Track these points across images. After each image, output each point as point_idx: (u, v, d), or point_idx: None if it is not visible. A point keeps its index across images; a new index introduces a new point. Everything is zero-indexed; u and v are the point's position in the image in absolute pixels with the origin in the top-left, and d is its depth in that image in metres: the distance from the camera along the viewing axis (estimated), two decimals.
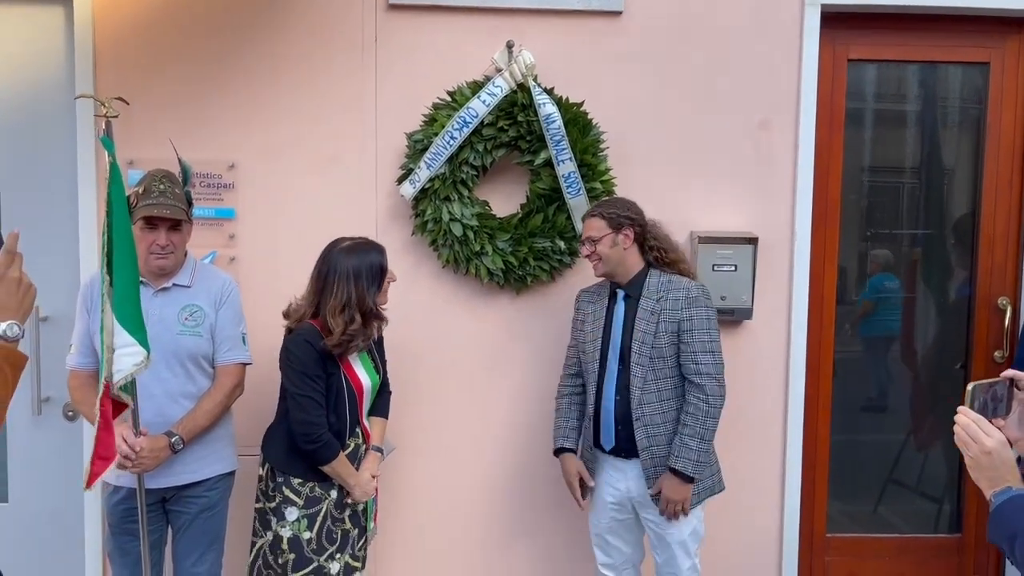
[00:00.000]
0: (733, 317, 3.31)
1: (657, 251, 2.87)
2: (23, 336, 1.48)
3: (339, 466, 2.72)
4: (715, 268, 3.26)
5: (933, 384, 3.76)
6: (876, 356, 3.77)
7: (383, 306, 2.78)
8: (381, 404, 2.96)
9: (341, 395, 2.73)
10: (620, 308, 2.87)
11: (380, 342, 2.96)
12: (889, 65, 3.60)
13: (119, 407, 2.55)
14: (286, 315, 2.79)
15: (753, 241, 3.27)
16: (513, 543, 3.43)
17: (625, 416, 2.83)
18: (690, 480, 2.76)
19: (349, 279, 2.67)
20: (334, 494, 2.76)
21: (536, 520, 3.42)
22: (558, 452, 3.01)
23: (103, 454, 2.46)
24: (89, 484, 2.48)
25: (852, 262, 3.67)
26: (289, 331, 2.76)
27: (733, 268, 3.27)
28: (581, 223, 3.18)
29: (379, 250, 2.76)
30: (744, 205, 3.35)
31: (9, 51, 3.24)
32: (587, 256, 2.89)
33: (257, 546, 2.80)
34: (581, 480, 2.95)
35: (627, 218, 2.83)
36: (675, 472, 2.76)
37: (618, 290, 2.89)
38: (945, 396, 3.72)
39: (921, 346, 3.75)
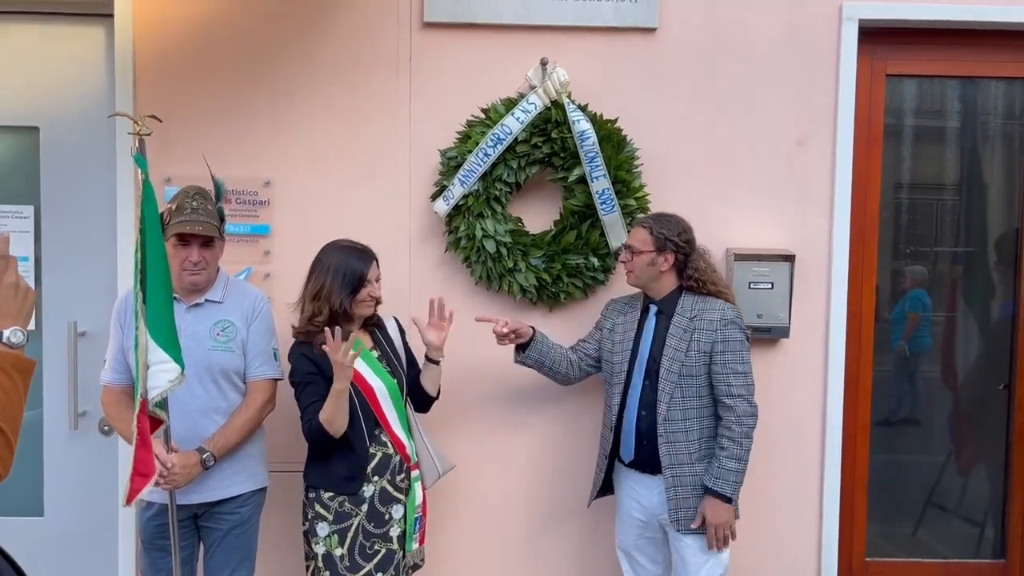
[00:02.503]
0: (770, 335, 3.26)
1: (694, 280, 2.85)
2: (27, 341, 1.46)
3: (330, 407, 2.61)
4: (751, 285, 3.22)
5: (975, 405, 3.68)
6: (909, 373, 3.69)
7: (362, 315, 2.78)
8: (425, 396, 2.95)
9: (351, 400, 2.71)
10: (651, 323, 2.88)
11: (408, 351, 2.97)
12: (928, 80, 3.55)
13: (155, 423, 2.56)
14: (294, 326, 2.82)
15: (790, 258, 3.23)
16: (542, 546, 3.39)
17: (649, 432, 2.83)
18: (729, 501, 2.74)
19: (327, 272, 2.73)
20: (365, 508, 2.74)
21: (570, 531, 3.38)
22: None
23: (142, 471, 2.47)
24: (129, 501, 2.48)
25: (890, 280, 3.61)
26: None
27: (770, 286, 3.22)
28: (614, 240, 3.17)
29: (366, 259, 2.76)
30: (781, 222, 3.31)
31: (52, 67, 3.30)
32: (623, 262, 2.92)
33: (309, 571, 2.80)
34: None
35: (673, 243, 2.82)
36: (716, 495, 2.74)
37: (651, 305, 2.89)
38: (988, 417, 3.63)
39: (962, 365, 3.67)
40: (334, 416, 2.63)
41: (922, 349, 3.67)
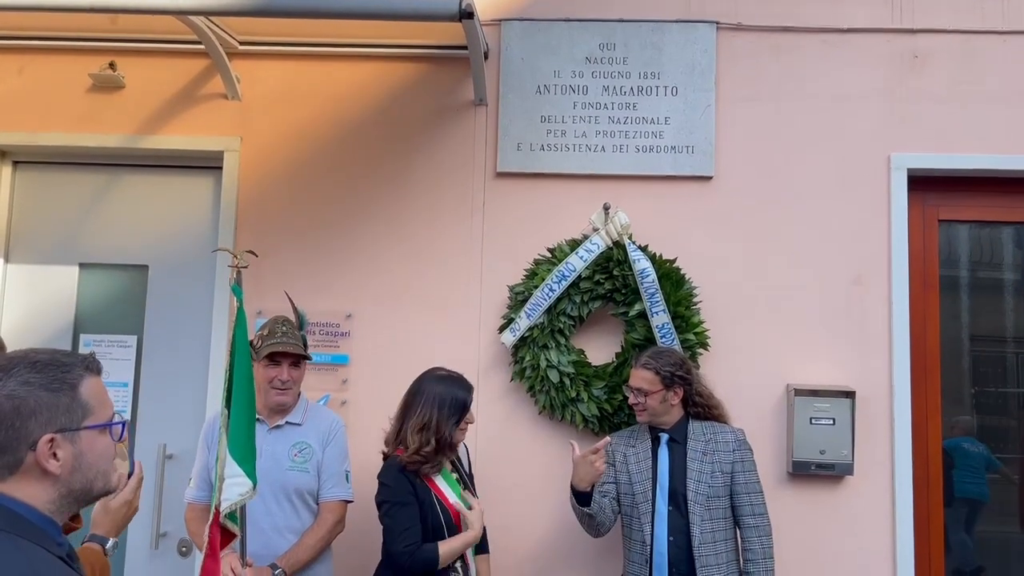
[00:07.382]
0: (834, 472, 3.26)
1: (700, 407, 2.99)
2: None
3: (447, 551, 2.70)
4: (813, 421, 3.26)
5: None
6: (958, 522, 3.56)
7: (459, 441, 2.88)
8: (481, 541, 2.97)
9: (439, 528, 2.76)
10: (664, 451, 2.94)
11: (471, 478, 3.04)
12: (983, 224, 3.63)
13: (227, 537, 2.66)
14: (386, 442, 2.92)
15: (850, 395, 3.27)
16: None
17: (679, 557, 2.83)
18: None
19: (434, 404, 2.79)
20: None
21: None
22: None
23: None
24: None
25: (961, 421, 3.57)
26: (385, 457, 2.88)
27: (831, 422, 3.26)
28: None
29: (467, 388, 2.89)
30: (840, 359, 3.37)
31: (164, 213, 3.70)
32: (633, 405, 2.98)
33: None
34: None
35: (680, 378, 2.94)
36: None
37: (661, 434, 2.96)
38: None
39: None
40: (450, 557, 2.71)
41: (977, 498, 3.57)
